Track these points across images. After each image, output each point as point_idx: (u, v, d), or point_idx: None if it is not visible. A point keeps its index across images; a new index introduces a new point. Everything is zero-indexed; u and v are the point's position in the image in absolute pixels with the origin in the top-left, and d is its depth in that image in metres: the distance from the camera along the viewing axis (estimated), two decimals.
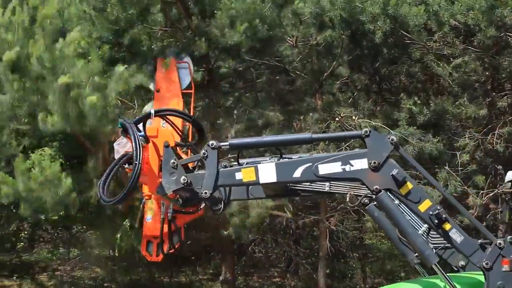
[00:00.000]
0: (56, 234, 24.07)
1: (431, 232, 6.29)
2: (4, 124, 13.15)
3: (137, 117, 7.14)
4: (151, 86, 11.27)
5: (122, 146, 6.77)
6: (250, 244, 21.09)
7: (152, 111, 6.95)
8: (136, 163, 6.31)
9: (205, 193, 6.43)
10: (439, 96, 15.66)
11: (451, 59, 15.21)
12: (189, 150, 7.80)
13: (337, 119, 15.41)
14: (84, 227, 19.25)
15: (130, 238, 15.97)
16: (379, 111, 16.40)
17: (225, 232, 15.05)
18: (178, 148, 7.01)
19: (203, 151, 6.53)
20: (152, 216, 9.05)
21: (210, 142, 6.51)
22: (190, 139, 8.93)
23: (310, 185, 6.96)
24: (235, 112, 16.04)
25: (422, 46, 15.33)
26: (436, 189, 7.11)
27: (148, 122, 6.87)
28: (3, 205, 15.49)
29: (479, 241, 6.24)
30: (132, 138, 6.44)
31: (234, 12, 14.07)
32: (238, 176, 6.51)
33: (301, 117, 16.43)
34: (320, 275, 17.28)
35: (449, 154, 15.05)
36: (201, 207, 7.70)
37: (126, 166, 6.60)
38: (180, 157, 6.76)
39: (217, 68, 16.03)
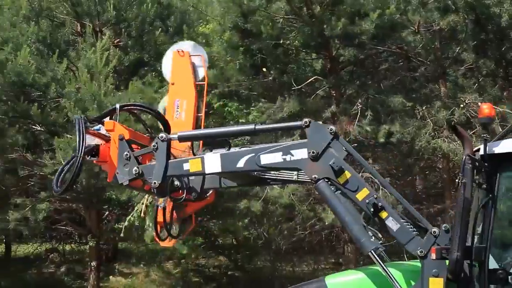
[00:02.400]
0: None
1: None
2: None
3: (103, 112, 7.69)
4: (168, 78, 11.88)
5: (90, 140, 7.12)
6: None
7: (117, 106, 7.36)
8: (77, 156, 6.78)
9: (155, 183, 6.86)
10: None
11: None
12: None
13: (461, 106, 15.51)
14: (208, 216, 20.03)
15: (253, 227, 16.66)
16: (506, 96, 16.31)
17: None
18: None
19: (153, 143, 6.94)
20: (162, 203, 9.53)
21: (160, 135, 6.93)
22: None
23: (279, 174, 7.23)
24: (359, 100, 16.40)
25: None
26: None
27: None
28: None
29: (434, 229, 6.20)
30: (77, 132, 6.85)
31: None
32: (186, 166, 6.89)
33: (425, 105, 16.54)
34: None
35: None
36: (208, 194, 8.17)
37: (88, 157, 7.09)
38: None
39: (338, 56, 16.51)
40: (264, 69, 16.68)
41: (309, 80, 16.69)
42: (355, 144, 15.79)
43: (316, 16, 15.28)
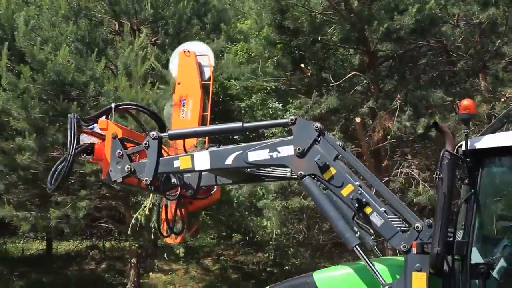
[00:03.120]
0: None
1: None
2: None
3: (98, 112, 7.90)
4: (174, 78, 11.95)
5: (87, 138, 7.46)
6: None
7: (113, 105, 7.66)
8: (68, 154, 7.10)
9: (146, 180, 7.10)
10: None
11: None
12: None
13: (502, 100, 15.41)
14: (246, 213, 20.13)
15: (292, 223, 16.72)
16: None
17: None
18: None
19: (144, 141, 7.20)
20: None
21: (151, 133, 7.18)
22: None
23: (272, 171, 7.47)
24: (398, 95, 16.36)
25: None
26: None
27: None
28: None
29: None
30: (68, 131, 7.17)
31: None
32: (176, 164, 7.11)
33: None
34: None
35: None
36: (212, 192, 8.49)
37: (84, 156, 7.42)
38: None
39: (377, 51, 16.50)
40: (302, 65, 16.71)
41: (348, 76, 16.69)
42: (394, 140, 15.84)
43: (354, 11, 15.28)
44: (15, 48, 15.83)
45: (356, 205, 6.40)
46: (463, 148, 6.33)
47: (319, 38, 16.19)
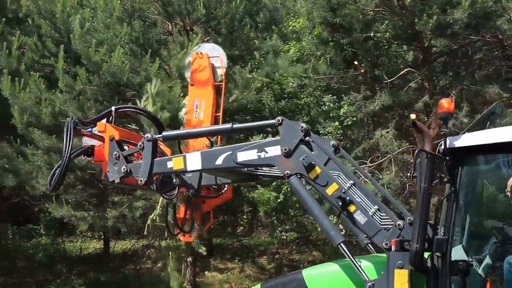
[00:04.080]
0: (273, 218, 25.34)
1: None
2: None
3: (99, 114, 8.19)
4: (188, 79, 12.10)
5: (89, 141, 7.81)
6: None
7: (113, 108, 7.92)
8: (63, 157, 7.40)
9: (141, 180, 7.36)
10: None
11: None
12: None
13: None
14: (301, 211, 20.17)
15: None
16: None
17: None
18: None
19: (139, 143, 7.46)
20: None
21: (146, 135, 7.45)
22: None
23: (269, 171, 7.61)
24: (453, 91, 16.26)
25: None
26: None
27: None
28: None
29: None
30: (64, 135, 7.46)
31: None
32: (169, 164, 7.36)
33: None
34: None
35: None
36: (224, 191, 8.70)
37: (84, 158, 7.80)
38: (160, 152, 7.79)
39: (430, 47, 16.42)
40: (355, 63, 16.75)
41: (401, 73, 16.66)
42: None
43: (407, 7, 15.27)
44: (71, 51, 16.15)
45: (340, 203, 6.54)
46: (442, 147, 6.44)
47: (372, 35, 16.24)
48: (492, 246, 6.94)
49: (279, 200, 17.84)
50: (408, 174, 6.35)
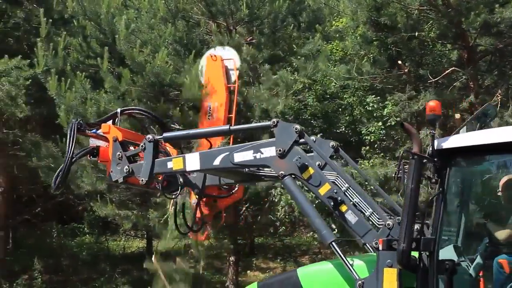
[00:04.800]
0: None
1: None
2: None
3: (105, 116, 8.57)
4: (202, 81, 12.17)
5: (97, 142, 8.07)
6: None
7: (119, 110, 8.30)
8: (66, 157, 7.72)
9: (142, 180, 7.62)
10: None
11: None
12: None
13: None
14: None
15: None
16: None
17: None
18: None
19: (141, 143, 7.70)
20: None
21: (147, 136, 7.70)
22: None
23: (271, 171, 7.58)
24: (499, 91, 16.11)
25: None
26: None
27: None
28: None
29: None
30: (68, 136, 7.80)
31: None
32: (170, 165, 7.59)
33: None
34: None
35: None
36: (234, 191, 8.86)
37: (90, 158, 8.10)
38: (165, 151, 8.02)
39: (475, 46, 16.28)
40: (400, 62, 16.68)
41: (446, 72, 16.55)
42: None
43: (452, 6, 15.16)
44: (115, 51, 16.35)
45: (332, 203, 6.67)
46: (430, 148, 6.51)
47: (416, 34, 16.13)
48: (482, 246, 7.05)
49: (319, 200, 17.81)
50: (393, 175, 6.49)
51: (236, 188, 9.04)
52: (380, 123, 18.72)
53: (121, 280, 21.92)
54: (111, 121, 8.25)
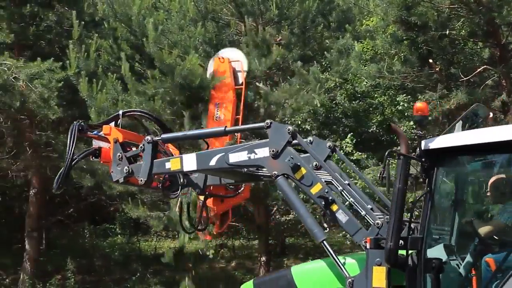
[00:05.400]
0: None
1: None
2: None
3: (107, 118, 8.88)
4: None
5: (99, 142, 8.38)
6: None
7: (120, 112, 8.60)
8: (67, 158, 8.02)
9: (141, 180, 7.86)
10: None
11: None
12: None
13: None
14: None
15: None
16: None
17: None
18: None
19: (140, 145, 7.96)
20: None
21: (146, 137, 7.94)
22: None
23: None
24: None
25: None
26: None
27: None
28: None
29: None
30: (68, 137, 8.09)
31: None
32: (168, 165, 7.81)
33: None
34: None
35: None
36: (240, 190, 9.04)
37: (92, 158, 8.43)
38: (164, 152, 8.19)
39: (508, 44, 16.16)
40: (431, 61, 16.61)
41: (478, 70, 16.45)
42: None
43: (483, 3, 15.05)
44: (145, 53, 16.45)
45: (323, 202, 6.86)
46: (418, 149, 6.65)
47: (447, 32, 16.05)
48: (472, 245, 7.14)
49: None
50: (378, 175, 6.64)
51: (243, 188, 9.23)
52: (411, 122, 18.64)
53: (153, 280, 22.07)
54: (113, 122, 8.53)
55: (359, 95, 22.70)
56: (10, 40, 17.92)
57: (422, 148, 6.56)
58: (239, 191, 9.17)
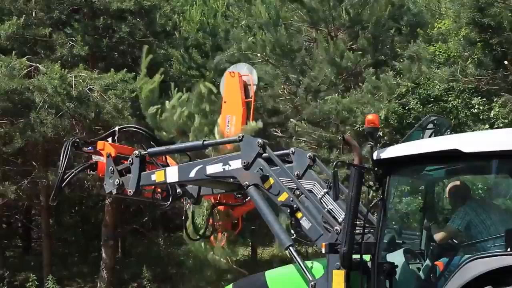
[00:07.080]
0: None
1: None
2: None
3: (104, 134, 9.46)
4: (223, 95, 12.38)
5: (97, 157, 8.95)
6: None
7: (117, 128, 9.29)
8: (59, 172, 8.77)
9: (130, 191, 8.49)
10: None
11: None
12: None
13: None
14: None
15: None
16: None
17: None
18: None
19: (129, 159, 8.54)
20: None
21: (134, 152, 8.57)
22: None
23: None
24: None
25: None
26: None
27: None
28: None
29: None
30: (62, 154, 8.74)
31: None
32: (153, 177, 8.45)
33: None
34: None
35: None
36: (248, 198, 9.01)
37: (89, 172, 9.05)
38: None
39: None
40: (506, 63, 16.38)
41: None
42: None
43: None
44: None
45: (289, 210, 7.38)
46: (370, 158, 6.98)
47: None
48: (430, 249, 7.59)
49: None
50: (326, 184, 6.99)
51: (248, 198, 9.48)
52: (487, 126, 18.38)
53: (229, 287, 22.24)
54: (110, 138, 9.17)
55: (432, 99, 22.47)
56: (84, 52, 18.48)
57: (374, 158, 6.88)
58: (247, 199, 9.41)
